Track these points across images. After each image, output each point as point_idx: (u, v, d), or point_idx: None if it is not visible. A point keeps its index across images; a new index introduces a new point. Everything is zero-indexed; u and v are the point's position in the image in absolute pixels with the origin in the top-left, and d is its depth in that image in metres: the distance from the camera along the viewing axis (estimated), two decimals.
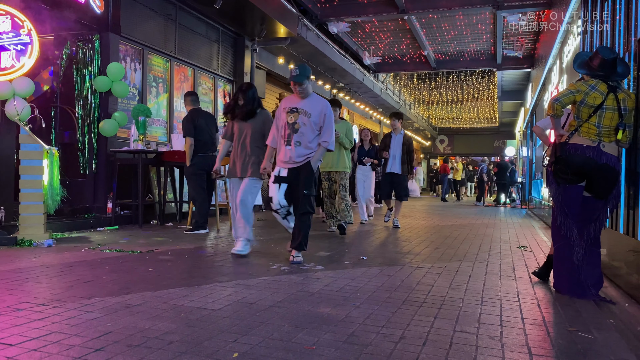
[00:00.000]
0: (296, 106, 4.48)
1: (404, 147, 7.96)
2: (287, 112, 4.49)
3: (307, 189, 4.40)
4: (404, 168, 7.92)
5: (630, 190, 3.73)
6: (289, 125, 4.46)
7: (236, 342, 2.33)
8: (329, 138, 4.48)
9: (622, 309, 3.24)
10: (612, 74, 3.49)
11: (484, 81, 20.04)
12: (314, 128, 4.45)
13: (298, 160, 4.44)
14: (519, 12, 11.83)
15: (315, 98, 4.58)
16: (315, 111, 4.46)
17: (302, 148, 4.44)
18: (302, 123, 4.43)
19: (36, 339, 2.32)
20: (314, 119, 4.44)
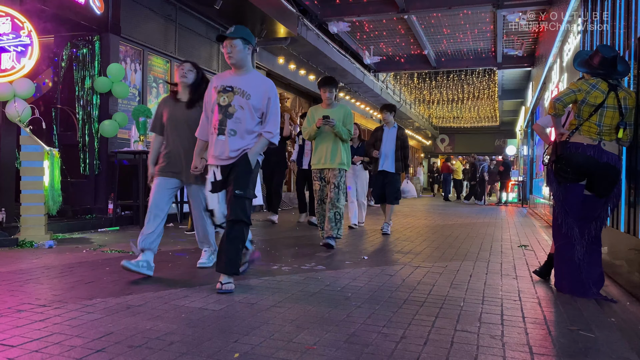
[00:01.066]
0: (231, 84, 3.48)
1: (398, 142, 7.03)
2: (219, 91, 3.49)
3: (241, 188, 3.38)
4: (397, 165, 6.99)
5: (631, 188, 3.73)
6: (221, 109, 3.46)
7: (237, 343, 2.33)
8: (273, 129, 3.53)
9: (623, 307, 3.24)
10: (613, 73, 3.49)
11: (484, 80, 20.03)
12: (254, 114, 3.48)
13: (233, 154, 3.45)
14: (519, 11, 11.82)
15: (257, 76, 3.62)
16: (257, 92, 3.48)
17: (238, 138, 3.45)
18: (239, 106, 3.44)
19: (37, 340, 2.32)
20: (255, 103, 3.46)
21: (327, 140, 5.38)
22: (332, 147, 5.38)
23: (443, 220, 9.63)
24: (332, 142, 5.38)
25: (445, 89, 21.92)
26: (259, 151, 3.53)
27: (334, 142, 5.38)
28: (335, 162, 5.36)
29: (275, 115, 3.54)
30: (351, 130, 5.40)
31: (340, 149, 5.37)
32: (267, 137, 3.53)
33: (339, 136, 5.32)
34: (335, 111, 5.38)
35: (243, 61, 3.50)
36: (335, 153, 5.37)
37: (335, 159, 5.36)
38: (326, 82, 5.44)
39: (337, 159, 5.37)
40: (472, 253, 5.30)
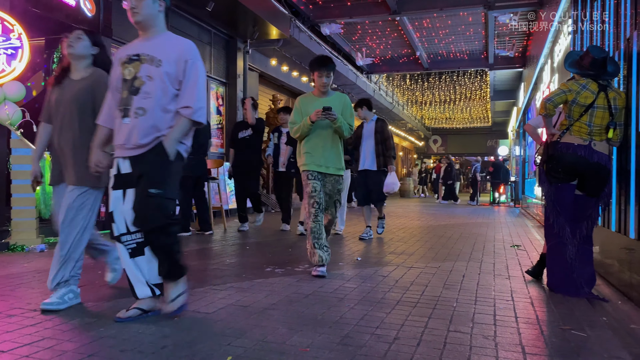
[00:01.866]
0: (137, 52, 2.76)
1: (377, 135, 6.39)
2: (124, 62, 2.77)
3: (156, 186, 2.64)
4: (379, 161, 6.36)
5: (621, 188, 3.76)
6: (126, 85, 2.72)
7: (230, 345, 2.32)
8: (193, 102, 2.69)
9: (614, 306, 3.26)
10: (603, 73, 3.53)
11: (476, 81, 20.11)
12: (169, 87, 2.70)
13: (144, 141, 2.68)
14: (510, 12, 11.88)
15: (171, 37, 2.85)
16: (170, 56, 2.72)
17: (149, 120, 2.67)
18: (147, 76, 2.69)
19: (28, 344, 2.30)
20: (168, 69, 2.70)
21: (322, 138, 4.11)
22: (331, 148, 4.12)
23: (436, 220, 9.66)
24: (330, 141, 4.12)
25: (437, 90, 21.98)
26: (177, 137, 2.70)
27: (333, 140, 4.13)
28: (335, 167, 4.15)
29: (194, 84, 2.70)
30: (352, 125, 4.19)
31: (339, 150, 4.20)
32: (186, 115, 2.69)
33: (339, 133, 4.11)
34: (332, 101, 4.14)
35: (151, 19, 2.80)
36: (333, 155, 4.13)
37: (334, 163, 4.14)
38: (321, 62, 4.13)
39: (336, 163, 4.16)
40: (465, 253, 5.32)
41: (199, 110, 2.71)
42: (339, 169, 4.17)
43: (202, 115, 2.73)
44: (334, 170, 4.14)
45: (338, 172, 4.16)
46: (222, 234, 6.82)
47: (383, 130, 6.44)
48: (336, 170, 4.15)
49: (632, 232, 3.47)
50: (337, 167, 4.16)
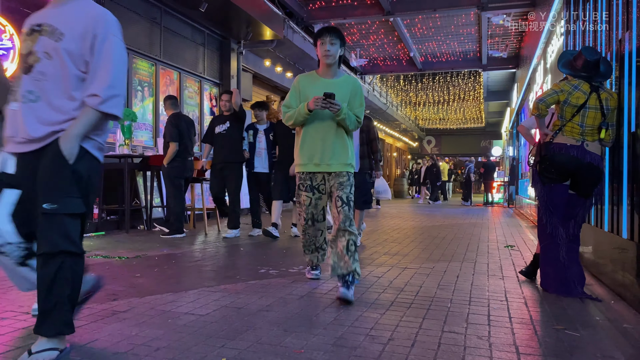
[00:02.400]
0: (40, 21, 2.21)
1: (362, 135, 5.74)
2: (25, 33, 2.23)
3: (51, 199, 2.06)
4: (363, 164, 5.72)
5: (614, 188, 3.78)
6: (21, 60, 2.21)
7: (224, 347, 2.31)
8: (102, 88, 2.11)
9: (607, 306, 3.27)
10: (595, 75, 3.55)
11: (469, 82, 20.19)
12: (70, 66, 2.13)
13: (37, 134, 2.13)
14: (503, 13, 11.94)
15: (83, 5, 2.22)
16: (75, 29, 2.14)
17: (44, 107, 2.13)
18: (44, 52, 2.13)
19: (20, 348, 2.28)
20: (69, 46, 2.12)
21: (323, 130, 3.40)
22: (334, 140, 3.40)
23: (430, 221, 9.68)
24: (334, 134, 3.39)
25: (431, 91, 22.04)
26: (79, 132, 2.10)
27: (337, 133, 3.40)
28: (339, 161, 3.40)
29: (105, 66, 2.11)
30: (361, 117, 3.45)
31: (344, 142, 3.44)
32: (92, 104, 2.11)
33: (342, 125, 3.39)
34: (338, 84, 3.42)
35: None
36: (338, 148, 3.40)
37: (338, 157, 3.40)
38: (326, 29, 3.43)
39: (341, 157, 3.41)
40: (459, 254, 5.33)
41: (110, 100, 2.11)
42: (345, 164, 3.41)
43: (114, 106, 2.14)
44: (339, 167, 3.40)
45: (344, 168, 3.41)
46: (215, 235, 6.80)
47: (369, 129, 5.84)
48: (341, 167, 3.40)
49: (624, 232, 3.49)
50: (342, 162, 3.40)
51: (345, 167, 3.43)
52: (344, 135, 3.44)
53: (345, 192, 3.37)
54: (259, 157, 6.73)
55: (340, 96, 3.35)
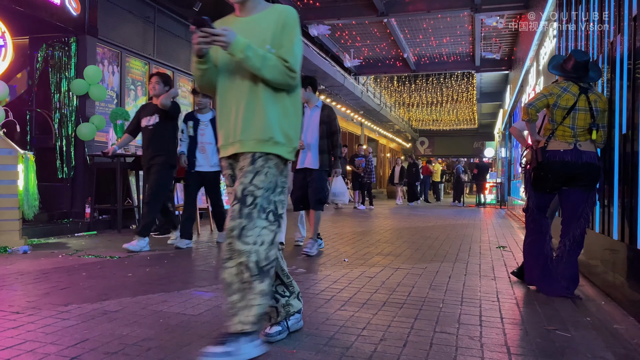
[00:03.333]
0: None
1: (322, 127, 5.19)
2: None
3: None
4: (322, 159, 5.17)
5: (605, 189, 3.80)
6: None
7: None
8: None
9: (598, 306, 3.29)
10: (585, 76, 3.58)
11: (463, 83, 20.25)
12: None
13: None
14: (496, 15, 11.98)
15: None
16: None
17: None
18: None
19: (10, 348, 2.26)
20: None
21: (236, 92, 2.28)
22: (246, 106, 2.24)
23: (422, 222, 9.70)
24: (246, 95, 2.24)
25: (424, 92, 22.09)
26: None
27: (250, 94, 2.24)
28: (250, 137, 2.23)
29: None
30: (291, 62, 2.21)
31: (263, 107, 2.23)
32: None
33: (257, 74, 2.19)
34: (259, 19, 2.36)
35: None
36: (250, 116, 2.23)
37: (250, 131, 2.23)
38: None
39: (253, 130, 2.23)
40: (451, 254, 5.34)
41: None
42: (258, 141, 2.20)
43: None
44: (249, 145, 2.21)
45: (256, 146, 2.20)
46: (208, 235, 6.78)
47: (330, 121, 5.22)
48: (253, 145, 2.20)
49: (615, 233, 3.51)
50: (253, 138, 2.20)
51: (258, 144, 2.20)
52: (260, 95, 2.21)
53: (244, 183, 2.17)
54: (203, 154, 5.54)
55: (258, 33, 2.26)
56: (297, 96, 2.36)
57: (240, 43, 2.15)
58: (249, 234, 2.11)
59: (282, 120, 2.26)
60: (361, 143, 19.99)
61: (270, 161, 2.22)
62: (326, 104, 5.38)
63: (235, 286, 2.13)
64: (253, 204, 2.14)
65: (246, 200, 2.14)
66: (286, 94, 2.29)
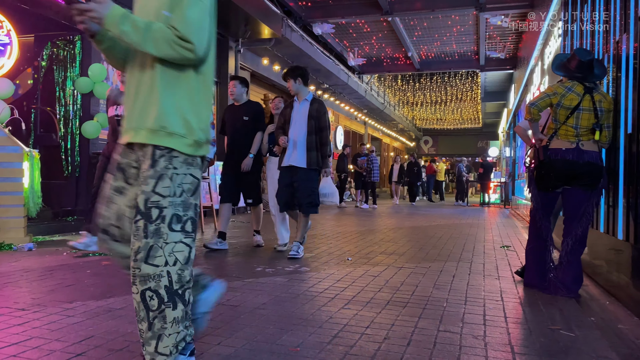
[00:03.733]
0: None
1: (311, 122, 4.84)
2: None
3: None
4: (310, 157, 4.80)
5: (610, 189, 3.79)
6: None
7: (220, 345, 2.31)
8: None
9: (602, 306, 3.28)
10: (589, 76, 3.56)
11: (467, 82, 20.22)
12: None
13: None
14: (501, 14, 11.96)
15: None
16: None
17: None
18: None
19: (16, 344, 2.28)
20: None
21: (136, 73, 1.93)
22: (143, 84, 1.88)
23: (426, 221, 9.69)
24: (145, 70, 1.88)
25: (428, 91, 22.06)
26: None
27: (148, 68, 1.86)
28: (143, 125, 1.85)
29: None
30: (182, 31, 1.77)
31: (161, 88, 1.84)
32: None
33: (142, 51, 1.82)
34: None
35: None
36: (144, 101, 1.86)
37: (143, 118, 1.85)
38: None
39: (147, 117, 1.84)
40: (455, 254, 5.34)
41: None
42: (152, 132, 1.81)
43: None
44: (142, 136, 1.84)
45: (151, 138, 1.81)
46: (212, 233, 6.80)
47: (320, 116, 4.88)
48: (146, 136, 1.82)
49: (620, 233, 3.50)
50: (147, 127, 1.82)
51: (150, 135, 1.81)
52: (157, 75, 1.83)
53: (146, 192, 1.78)
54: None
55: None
56: (208, 75, 1.93)
57: (114, 15, 1.78)
58: (158, 254, 1.75)
59: (184, 106, 1.84)
60: (364, 142, 19.98)
61: (175, 160, 1.82)
62: (316, 98, 5.06)
63: (141, 314, 1.78)
64: (160, 217, 1.77)
65: (151, 214, 1.76)
66: (193, 72, 1.87)
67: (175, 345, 1.80)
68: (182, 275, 1.80)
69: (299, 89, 4.96)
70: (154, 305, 1.76)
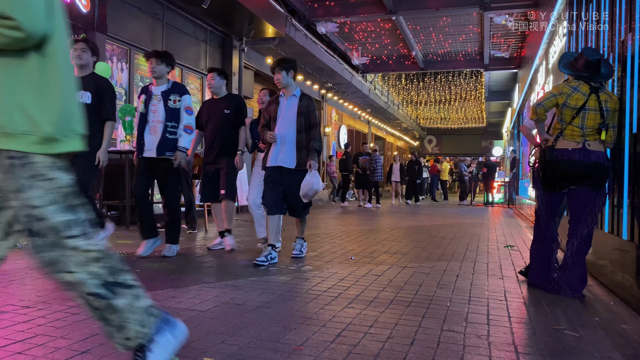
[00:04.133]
0: None
1: (301, 119, 4.53)
2: None
3: None
4: (301, 157, 4.51)
5: (614, 189, 3.78)
6: None
7: (224, 343, 2.32)
8: None
9: (607, 307, 3.28)
10: (596, 75, 3.55)
11: (471, 81, 20.19)
12: None
13: None
14: (505, 13, 11.93)
15: None
16: None
17: None
18: None
19: (21, 341, 2.29)
20: None
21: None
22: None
23: (430, 220, 9.68)
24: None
25: (432, 90, 22.04)
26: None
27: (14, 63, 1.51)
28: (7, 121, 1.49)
29: None
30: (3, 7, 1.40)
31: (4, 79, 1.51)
32: None
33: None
34: None
35: None
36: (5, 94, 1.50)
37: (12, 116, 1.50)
38: None
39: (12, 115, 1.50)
40: (459, 253, 5.33)
41: None
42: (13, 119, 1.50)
43: None
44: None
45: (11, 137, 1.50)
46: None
47: (309, 112, 4.58)
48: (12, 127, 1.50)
49: (624, 233, 3.49)
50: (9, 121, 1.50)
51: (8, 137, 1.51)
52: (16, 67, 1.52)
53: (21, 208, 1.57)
54: (153, 135, 4.57)
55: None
56: (58, 57, 1.60)
57: None
58: (70, 262, 1.59)
59: (26, 99, 1.51)
60: (366, 142, 19.97)
61: (36, 166, 1.54)
62: (305, 93, 4.73)
63: (96, 315, 1.69)
64: (50, 229, 1.56)
65: (37, 230, 1.57)
66: (36, 56, 1.54)
67: (143, 323, 1.70)
68: (105, 267, 1.64)
69: (288, 83, 4.60)
70: (101, 305, 1.65)
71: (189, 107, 4.67)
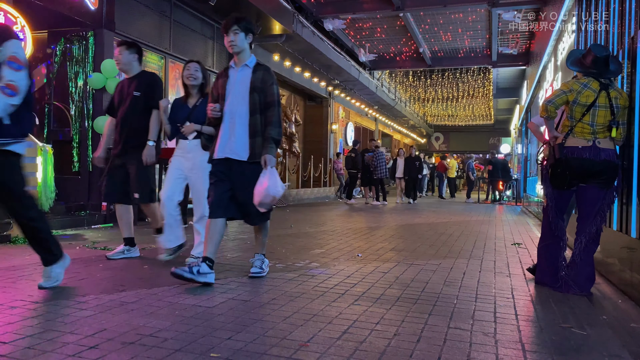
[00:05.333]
0: None
1: (254, 96, 3.51)
2: None
3: None
4: (254, 145, 3.50)
5: (623, 187, 3.75)
6: None
7: (231, 340, 2.33)
8: None
9: (615, 305, 3.26)
10: (605, 72, 3.52)
11: (479, 78, 20.08)
12: None
13: None
14: (514, 10, 11.85)
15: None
16: None
17: None
18: None
19: (30, 336, 2.31)
20: None
21: None
22: None
23: (436, 218, 9.66)
24: None
25: (440, 87, 21.94)
26: None
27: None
28: None
29: None
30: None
31: None
32: None
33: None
34: None
35: None
36: None
37: None
38: None
39: None
40: (466, 251, 5.32)
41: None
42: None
43: None
44: None
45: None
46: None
47: (265, 87, 3.54)
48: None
49: (633, 231, 3.47)
50: None
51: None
52: None
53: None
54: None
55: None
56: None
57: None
58: None
59: None
60: (374, 138, 19.92)
61: None
62: (262, 63, 3.66)
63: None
64: None
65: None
66: None
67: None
68: None
69: (242, 48, 3.55)
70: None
71: (15, 58, 3.07)
